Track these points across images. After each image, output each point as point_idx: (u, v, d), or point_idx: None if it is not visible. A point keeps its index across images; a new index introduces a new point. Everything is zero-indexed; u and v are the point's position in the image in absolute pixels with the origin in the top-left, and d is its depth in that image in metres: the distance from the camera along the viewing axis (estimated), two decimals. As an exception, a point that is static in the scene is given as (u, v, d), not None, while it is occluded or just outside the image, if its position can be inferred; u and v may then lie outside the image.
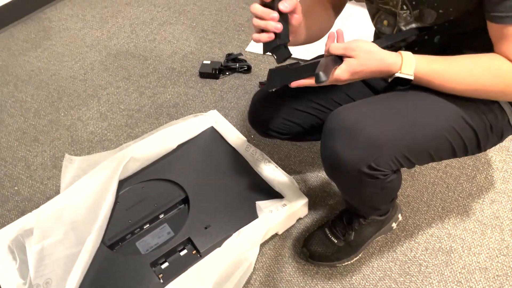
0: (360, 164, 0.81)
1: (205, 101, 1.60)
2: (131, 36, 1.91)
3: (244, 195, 1.19)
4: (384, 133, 0.80)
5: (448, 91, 0.82)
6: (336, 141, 0.82)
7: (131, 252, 1.11)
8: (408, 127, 0.82)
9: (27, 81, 1.74)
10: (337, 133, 0.82)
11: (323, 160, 0.87)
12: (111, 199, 1.14)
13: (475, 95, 0.82)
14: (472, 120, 0.85)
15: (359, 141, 0.80)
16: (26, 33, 1.97)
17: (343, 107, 0.86)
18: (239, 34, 1.87)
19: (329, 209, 1.25)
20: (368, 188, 0.88)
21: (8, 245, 1.13)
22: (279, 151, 1.41)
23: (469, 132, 0.86)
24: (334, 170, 0.86)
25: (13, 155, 1.48)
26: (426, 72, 0.80)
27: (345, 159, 0.81)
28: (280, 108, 1.07)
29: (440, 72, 0.80)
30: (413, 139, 0.82)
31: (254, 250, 1.08)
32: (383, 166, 0.82)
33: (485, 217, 1.20)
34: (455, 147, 0.87)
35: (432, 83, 0.82)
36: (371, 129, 0.80)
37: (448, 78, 0.80)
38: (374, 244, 1.17)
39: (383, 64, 0.80)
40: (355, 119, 0.81)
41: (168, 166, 1.28)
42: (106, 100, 1.63)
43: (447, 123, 0.84)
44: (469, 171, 1.31)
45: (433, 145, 0.85)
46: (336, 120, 0.83)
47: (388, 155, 0.81)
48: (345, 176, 0.85)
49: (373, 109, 0.84)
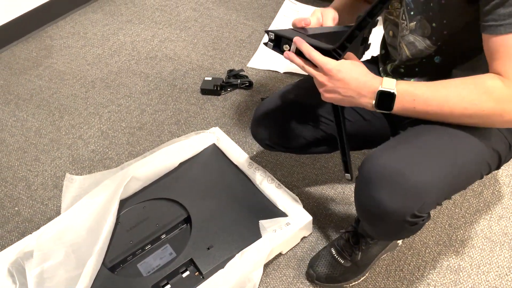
0: (405, 214, 0.77)
1: (207, 118, 1.59)
2: (132, 54, 1.91)
3: (247, 214, 1.17)
4: (427, 179, 0.76)
5: (435, 116, 0.77)
6: (378, 189, 0.77)
7: (132, 274, 1.09)
8: (450, 168, 0.78)
9: (28, 100, 1.73)
10: (379, 182, 0.77)
11: (361, 208, 0.83)
12: (112, 220, 1.12)
13: (468, 120, 0.76)
14: (498, 146, 0.84)
15: (403, 189, 0.75)
16: (27, 51, 1.98)
17: (378, 150, 0.81)
18: (240, 50, 1.87)
19: (334, 227, 1.23)
20: (407, 233, 0.86)
21: (8, 268, 1.12)
22: (282, 168, 1.39)
23: (495, 158, 0.86)
24: (373, 218, 0.82)
25: (13, 175, 1.47)
26: (407, 89, 0.76)
27: (389, 210, 0.76)
28: (284, 120, 1.06)
29: (423, 91, 0.76)
30: (455, 182, 0.80)
31: (258, 271, 1.06)
32: (425, 212, 0.79)
33: (494, 234, 1.18)
34: (483, 174, 0.87)
35: (417, 105, 0.76)
36: (414, 175, 0.75)
37: (432, 98, 0.75)
38: (380, 263, 1.14)
39: (365, 74, 0.79)
40: (395, 164, 0.77)
41: (170, 185, 1.26)
42: (108, 118, 1.63)
43: (482, 157, 0.82)
44: (476, 187, 1.28)
45: (470, 180, 0.85)
46: (375, 166, 0.78)
47: (433, 201, 0.79)
48: (385, 224, 0.81)
49: (411, 151, 0.79)
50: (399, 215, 0.77)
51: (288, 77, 1.71)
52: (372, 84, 0.78)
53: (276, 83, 1.69)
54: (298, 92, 1.07)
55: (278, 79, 1.71)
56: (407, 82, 0.78)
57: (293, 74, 1.72)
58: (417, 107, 0.76)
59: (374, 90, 0.78)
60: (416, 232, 0.89)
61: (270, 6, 2.10)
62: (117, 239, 1.14)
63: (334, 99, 0.82)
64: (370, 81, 0.78)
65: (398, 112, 0.78)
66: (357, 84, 0.78)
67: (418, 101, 0.76)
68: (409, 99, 0.76)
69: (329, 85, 0.79)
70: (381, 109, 0.79)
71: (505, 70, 0.72)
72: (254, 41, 1.91)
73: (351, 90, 0.79)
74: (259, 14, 2.06)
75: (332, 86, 0.79)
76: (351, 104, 0.81)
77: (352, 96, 0.79)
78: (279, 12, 2.05)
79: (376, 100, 0.78)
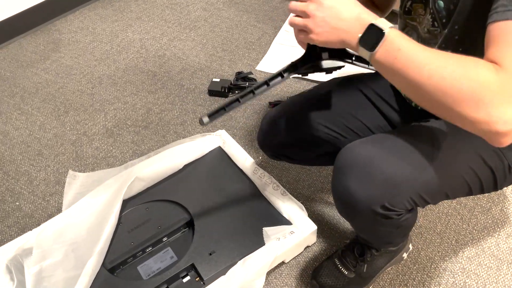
0: (373, 204, 0.76)
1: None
2: (140, 51, 1.89)
3: (250, 220, 1.15)
4: (400, 172, 0.75)
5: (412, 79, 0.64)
6: (349, 178, 0.77)
7: (132, 277, 1.07)
8: (425, 166, 0.77)
9: (34, 93, 1.72)
10: (350, 170, 0.78)
11: (335, 197, 0.83)
12: (113, 221, 1.11)
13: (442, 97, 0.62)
14: (490, 160, 0.81)
15: (374, 179, 0.75)
16: (35, 44, 1.96)
17: (356, 142, 0.81)
18: (250, 52, 1.85)
19: (339, 237, 1.21)
20: (382, 227, 0.84)
21: (6, 265, 1.10)
22: (287, 174, 1.38)
23: (486, 172, 0.82)
24: (346, 208, 0.82)
25: (16, 169, 1.45)
26: (398, 35, 0.66)
27: (358, 198, 0.77)
28: (291, 133, 1.04)
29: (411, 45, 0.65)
30: (430, 179, 0.77)
31: (260, 279, 1.04)
32: (397, 206, 0.78)
33: (501, 252, 1.16)
34: (472, 187, 0.83)
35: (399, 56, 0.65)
36: (386, 167, 0.75)
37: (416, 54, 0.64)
38: (384, 276, 1.12)
39: (358, 5, 0.70)
40: (370, 155, 0.77)
41: (174, 187, 1.25)
42: (113, 116, 1.61)
43: (465, 163, 0.80)
44: (484, 203, 1.26)
45: (450, 185, 0.81)
46: (350, 156, 0.79)
47: (404, 195, 0.77)
48: (358, 215, 0.81)
49: (389, 145, 0.79)
50: (368, 204, 0.76)
51: (296, 82, 1.69)
52: (366, 16, 0.69)
53: (284, 87, 1.67)
54: (305, 104, 1.05)
55: (286, 84, 1.69)
56: (401, 32, 0.69)
57: (301, 78, 1.70)
58: (398, 58, 0.65)
59: (366, 23, 0.68)
60: (398, 229, 0.87)
61: (281, 9, 2.09)
62: (118, 239, 1.13)
63: (321, 35, 0.71)
64: (364, 13, 0.69)
65: (378, 58, 0.67)
66: (350, 14, 0.69)
67: (402, 52, 0.65)
68: (394, 47, 0.66)
69: (318, 15, 0.70)
70: (363, 45, 0.68)
71: (501, 56, 0.60)
72: (264, 43, 1.89)
73: (342, 20, 0.69)
74: (270, 16, 2.04)
75: (321, 16, 0.70)
76: (336, 41, 0.71)
77: (342, 29, 0.70)
78: (290, 16, 2.03)
79: (363, 33, 0.68)
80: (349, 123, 1.01)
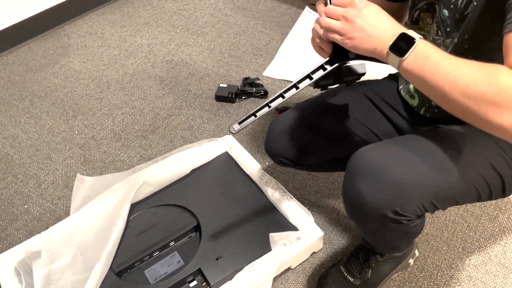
0: (384, 209, 0.77)
1: (220, 125, 1.58)
2: (148, 56, 1.91)
3: (257, 226, 1.16)
4: (411, 178, 0.76)
5: (438, 85, 0.68)
6: (360, 182, 0.78)
7: (139, 281, 1.08)
8: (436, 172, 0.78)
9: (43, 97, 1.73)
10: (362, 174, 0.78)
11: (345, 200, 0.84)
12: (121, 225, 1.12)
13: (466, 102, 0.65)
14: (499, 167, 0.82)
15: (385, 184, 0.76)
16: (44, 49, 1.98)
17: (368, 147, 0.82)
18: (257, 58, 1.86)
19: (345, 244, 1.21)
20: (391, 232, 0.84)
21: (15, 267, 1.11)
22: (294, 180, 1.38)
23: (495, 178, 0.83)
24: (356, 212, 0.83)
25: (25, 172, 1.47)
26: (426, 45, 0.70)
27: (369, 202, 0.77)
28: (298, 139, 1.05)
29: (438, 53, 0.69)
30: (440, 185, 0.78)
31: (267, 285, 1.04)
32: (408, 211, 0.78)
33: (508, 260, 1.15)
34: (481, 193, 0.84)
35: (427, 63, 0.69)
36: (398, 172, 0.76)
37: (443, 62, 0.68)
38: (391, 283, 1.12)
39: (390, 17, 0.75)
40: (382, 160, 0.78)
41: (181, 191, 1.25)
42: (121, 120, 1.62)
43: (474, 169, 0.80)
44: (491, 210, 1.26)
45: (460, 190, 0.81)
46: (362, 160, 0.80)
47: (415, 201, 0.78)
48: (367, 219, 0.82)
49: (400, 151, 0.80)
50: (378, 209, 0.77)
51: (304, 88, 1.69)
52: (398, 27, 0.74)
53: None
54: (313, 111, 1.05)
55: (293, 90, 1.69)
56: (430, 43, 0.72)
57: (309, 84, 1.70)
58: (426, 66, 0.69)
59: (397, 33, 0.72)
60: (406, 235, 0.88)
61: (288, 15, 2.10)
62: (125, 243, 1.14)
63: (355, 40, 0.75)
64: (396, 24, 0.75)
65: (407, 65, 0.71)
66: (385, 24, 0.74)
67: (431, 60, 0.69)
68: (423, 54, 0.70)
69: (357, 21, 0.74)
70: (394, 52, 0.72)
71: None
72: (271, 49, 1.90)
73: (377, 29, 0.74)
74: (277, 22, 2.06)
75: (360, 22, 0.74)
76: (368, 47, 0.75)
77: (376, 36, 0.73)
78: (297, 22, 2.04)
79: (394, 40, 0.72)
80: (356, 129, 1.02)
